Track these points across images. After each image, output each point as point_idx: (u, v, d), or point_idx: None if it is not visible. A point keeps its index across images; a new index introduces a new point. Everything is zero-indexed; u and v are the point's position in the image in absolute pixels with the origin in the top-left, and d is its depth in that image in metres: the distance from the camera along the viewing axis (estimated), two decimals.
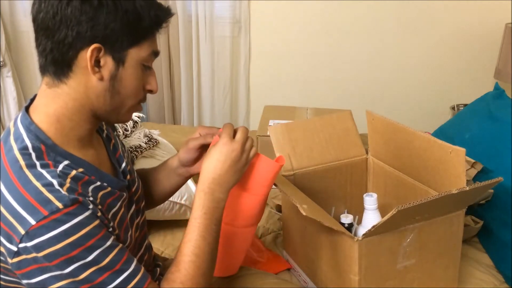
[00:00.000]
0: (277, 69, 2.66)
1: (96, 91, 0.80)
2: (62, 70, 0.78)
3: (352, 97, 2.60)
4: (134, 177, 1.00)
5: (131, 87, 0.83)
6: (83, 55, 0.76)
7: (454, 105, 2.46)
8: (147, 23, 0.80)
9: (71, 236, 0.71)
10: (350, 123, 1.32)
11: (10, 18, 2.60)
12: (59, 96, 0.80)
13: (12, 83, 2.62)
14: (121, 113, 0.85)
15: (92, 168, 0.82)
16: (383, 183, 1.29)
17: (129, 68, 0.81)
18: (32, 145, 0.77)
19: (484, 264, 1.28)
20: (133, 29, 0.79)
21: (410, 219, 0.95)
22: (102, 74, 0.79)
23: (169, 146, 1.82)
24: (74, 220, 0.71)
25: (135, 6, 0.78)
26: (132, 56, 0.80)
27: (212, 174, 0.89)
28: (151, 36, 0.83)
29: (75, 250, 0.71)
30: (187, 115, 2.75)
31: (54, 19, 0.74)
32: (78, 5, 0.74)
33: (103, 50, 0.77)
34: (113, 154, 0.96)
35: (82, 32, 0.75)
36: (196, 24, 2.57)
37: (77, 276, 0.72)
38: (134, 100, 0.85)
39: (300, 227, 1.15)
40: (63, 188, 0.72)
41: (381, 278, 0.99)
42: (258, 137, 1.69)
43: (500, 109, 1.55)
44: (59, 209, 0.70)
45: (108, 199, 0.82)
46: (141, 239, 1.02)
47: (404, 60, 2.55)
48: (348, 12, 2.49)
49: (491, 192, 1.33)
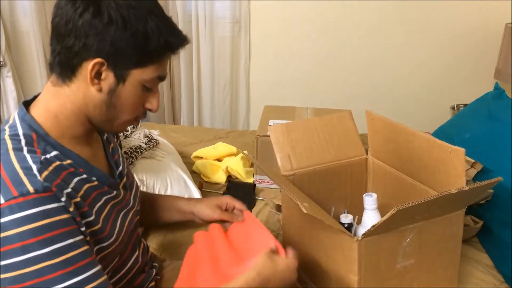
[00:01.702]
0: (277, 69, 2.66)
1: (94, 101, 0.82)
2: (66, 73, 0.80)
3: (352, 97, 2.60)
4: (132, 180, 1.03)
5: (128, 104, 0.84)
6: (87, 65, 0.79)
7: (454, 105, 2.47)
8: (156, 47, 0.81)
9: (33, 222, 0.70)
10: (350, 123, 1.32)
11: (10, 18, 2.61)
12: (60, 96, 0.82)
13: (12, 83, 2.62)
14: (115, 124, 0.87)
15: (82, 161, 0.83)
16: (383, 183, 1.29)
17: (129, 86, 0.82)
18: (24, 132, 0.79)
19: (484, 264, 1.28)
20: (139, 50, 0.80)
21: (410, 219, 0.95)
22: (101, 86, 0.81)
23: (169, 146, 1.83)
24: (41, 207, 0.71)
25: (146, 29, 0.79)
26: (134, 76, 0.82)
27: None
28: (158, 60, 0.83)
29: (31, 238, 0.70)
30: (187, 115, 2.75)
31: (66, 27, 0.77)
32: (89, 19, 0.76)
33: (105, 65, 0.79)
34: (111, 156, 0.97)
35: (89, 45, 0.77)
36: (196, 24, 2.57)
37: (26, 267, 0.70)
38: (130, 116, 0.86)
39: (300, 227, 1.15)
40: (41, 174, 0.73)
41: (381, 278, 0.99)
42: (258, 137, 1.69)
43: (500, 109, 1.55)
44: (29, 192, 0.71)
45: (94, 192, 0.83)
46: (135, 239, 1.02)
47: (404, 60, 2.55)
48: (348, 12, 2.49)
49: (491, 192, 1.33)
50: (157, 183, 1.48)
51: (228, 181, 1.73)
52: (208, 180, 1.76)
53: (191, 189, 1.52)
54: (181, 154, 1.86)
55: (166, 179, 1.52)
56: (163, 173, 1.54)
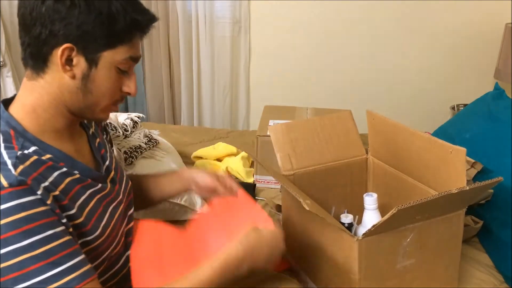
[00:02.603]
0: (277, 69, 2.66)
1: (69, 88, 0.81)
2: (39, 64, 0.80)
3: (352, 97, 2.60)
4: (122, 174, 1.03)
5: (104, 88, 0.83)
6: (57, 52, 0.78)
7: (454, 105, 2.47)
8: (123, 26, 0.80)
9: (9, 216, 0.70)
10: (350, 123, 1.32)
11: (10, 18, 2.60)
12: (36, 89, 0.82)
13: (12, 83, 2.62)
14: (96, 111, 0.86)
15: (62, 155, 0.83)
16: (383, 183, 1.29)
17: (102, 69, 0.81)
18: (2, 129, 0.79)
19: (484, 264, 1.28)
20: (107, 31, 0.79)
21: (410, 219, 0.95)
22: (74, 73, 0.80)
23: (169, 146, 1.82)
24: (16, 201, 0.71)
25: (110, 9, 0.78)
26: (106, 59, 0.81)
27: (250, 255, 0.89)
28: (128, 41, 0.82)
29: (10, 231, 0.70)
30: (187, 115, 2.75)
31: (31, 16, 0.77)
32: (51, 5, 0.76)
33: (75, 50, 0.78)
34: (97, 150, 0.97)
35: (55, 31, 0.77)
36: (196, 24, 2.57)
37: (6, 260, 0.70)
38: (109, 101, 0.86)
39: (300, 227, 1.15)
40: (16, 169, 0.73)
41: (381, 278, 0.99)
42: (258, 137, 1.69)
43: (500, 109, 1.55)
44: (4, 187, 0.71)
45: (75, 186, 0.83)
46: (127, 234, 1.02)
47: (404, 60, 2.55)
48: (348, 12, 2.49)
49: (491, 192, 1.33)
50: None
51: None
52: None
53: None
54: (181, 154, 1.86)
55: None
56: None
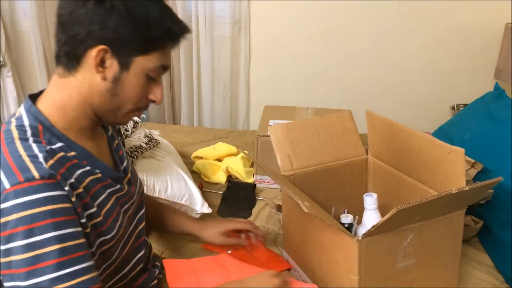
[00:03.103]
0: (277, 69, 2.66)
1: (98, 89, 0.83)
2: (72, 63, 0.82)
3: (352, 97, 2.60)
4: (136, 176, 1.05)
5: (132, 93, 0.85)
6: (91, 53, 0.80)
7: (454, 105, 2.47)
8: (158, 34, 0.83)
9: (37, 207, 0.71)
10: (350, 123, 1.32)
11: (10, 18, 2.61)
12: (66, 87, 0.84)
13: (12, 83, 2.62)
14: (119, 115, 0.88)
15: (86, 153, 0.85)
16: (383, 183, 1.29)
17: (132, 74, 0.83)
18: (30, 123, 0.81)
19: (484, 264, 1.28)
20: (142, 38, 0.81)
21: (410, 219, 0.95)
22: (105, 75, 0.82)
23: (170, 146, 1.83)
24: (45, 193, 0.72)
25: (148, 16, 0.81)
26: (138, 64, 0.83)
27: None
28: (161, 49, 0.85)
29: (36, 223, 0.71)
30: (187, 115, 2.75)
31: (70, 16, 0.79)
32: (91, 7, 0.78)
33: (110, 52, 0.80)
34: (116, 151, 0.99)
35: (93, 32, 0.79)
36: (196, 24, 2.57)
37: (26, 252, 0.71)
38: (133, 106, 0.87)
39: (300, 227, 1.15)
40: (46, 162, 0.74)
41: (381, 278, 0.99)
42: (258, 137, 1.69)
43: (500, 109, 1.55)
44: (35, 178, 0.72)
45: (96, 185, 0.84)
46: (138, 234, 1.03)
47: (404, 60, 2.55)
48: (348, 12, 2.48)
49: (491, 192, 1.33)
50: (157, 183, 1.48)
51: (228, 181, 1.73)
52: (208, 180, 1.76)
53: (191, 189, 1.52)
54: (181, 154, 1.86)
55: (167, 179, 1.51)
56: (163, 172, 1.54)
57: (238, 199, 1.62)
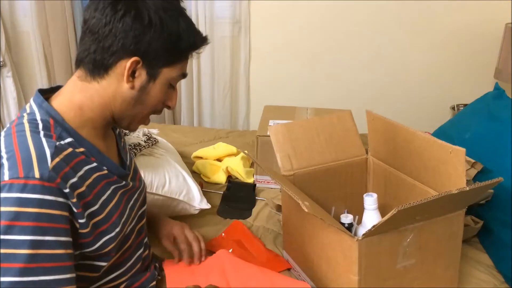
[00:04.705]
0: (277, 69, 2.66)
1: (124, 96, 0.86)
2: (99, 71, 0.84)
3: (352, 97, 2.60)
4: (139, 173, 1.08)
5: (155, 100, 0.89)
6: (123, 63, 0.82)
7: (454, 105, 2.47)
8: (185, 46, 0.87)
9: (24, 206, 0.71)
10: (350, 123, 1.32)
11: (10, 18, 2.61)
12: (87, 90, 0.85)
13: (12, 83, 2.62)
14: (134, 121, 0.92)
15: (95, 150, 0.86)
16: (383, 183, 1.29)
17: (158, 84, 0.87)
18: (41, 117, 0.82)
19: (484, 264, 1.28)
20: (171, 50, 0.85)
21: (410, 219, 0.95)
22: (134, 84, 0.85)
23: (168, 145, 1.82)
24: (37, 195, 0.72)
25: (179, 29, 0.84)
26: (164, 74, 0.87)
27: None
28: (184, 59, 0.89)
29: (17, 221, 0.70)
30: (187, 115, 2.75)
31: (105, 28, 0.80)
32: (129, 22, 0.80)
33: (141, 64, 0.83)
34: (122, 150, 1.01)
35: (127, 45, 0.81)
36: (196, 24, 2.56)
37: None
38: (151, 111, 0.92)
39: (300, 227, 1.15)
40: (52, 161, 0.75)
41: (381, 278, 0.99)
42: (258, 137, 1.69)
43: (500, 109, 1.55)
44: (34, 177, 0.72)
45: (102, 182, 0.86)
46: (138, 231, 1.04)
47: (404, 60, 2.55)
48: (348, 12, 2.49)
49: (491, 192, 1.33)
50: (155, 179, 1.46)
51: (228, 181, 1.73)
52: (208, 180, 1.76)
53: (190, 185, 1.50)
54: (181, 154, 1.86)
55: (165, 175, 1.49)
56: (161, 169, 1.52)
57: (238, 199, 1.62)
